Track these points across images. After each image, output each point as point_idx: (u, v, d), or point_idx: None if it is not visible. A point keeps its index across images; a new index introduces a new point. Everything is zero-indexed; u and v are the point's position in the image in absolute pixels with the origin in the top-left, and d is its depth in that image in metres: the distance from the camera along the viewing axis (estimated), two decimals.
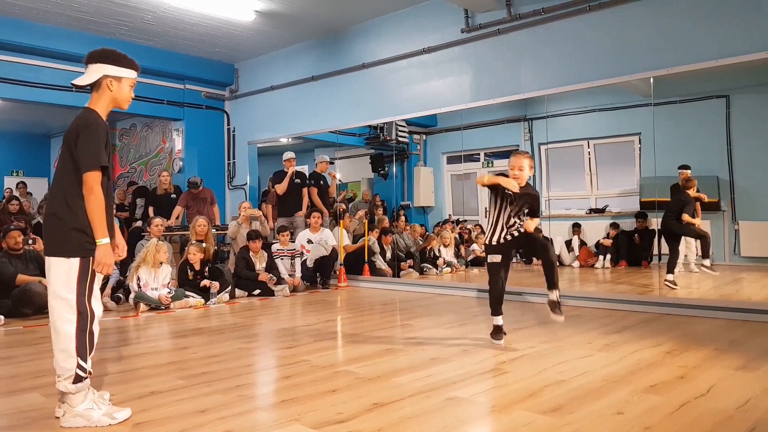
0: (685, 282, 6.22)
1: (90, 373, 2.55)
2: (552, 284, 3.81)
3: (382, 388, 3.00)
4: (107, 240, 2.53)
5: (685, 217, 5.75)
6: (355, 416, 2.56)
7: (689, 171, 6.17)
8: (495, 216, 4.01)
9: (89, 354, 2.54)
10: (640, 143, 6.99)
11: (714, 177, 6.31)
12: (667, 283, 5.76)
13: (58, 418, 2.53)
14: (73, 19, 7.63)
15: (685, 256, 6.32)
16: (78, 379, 2.49)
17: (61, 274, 2.52)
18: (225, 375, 3.31)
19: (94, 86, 2.66)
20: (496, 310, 4.01)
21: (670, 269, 5.79)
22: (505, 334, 4.03)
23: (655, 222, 6.44)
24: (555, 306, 3.82)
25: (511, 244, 4.00)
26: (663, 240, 6.42)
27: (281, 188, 8.23)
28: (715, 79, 5.97)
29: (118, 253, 2.73)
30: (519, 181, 3.86)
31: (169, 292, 5.98)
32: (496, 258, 4.00)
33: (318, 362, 3.58)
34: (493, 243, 4.02)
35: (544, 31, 6.22)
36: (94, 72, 2.65)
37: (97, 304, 2.61)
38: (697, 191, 6.01)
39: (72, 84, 2.72)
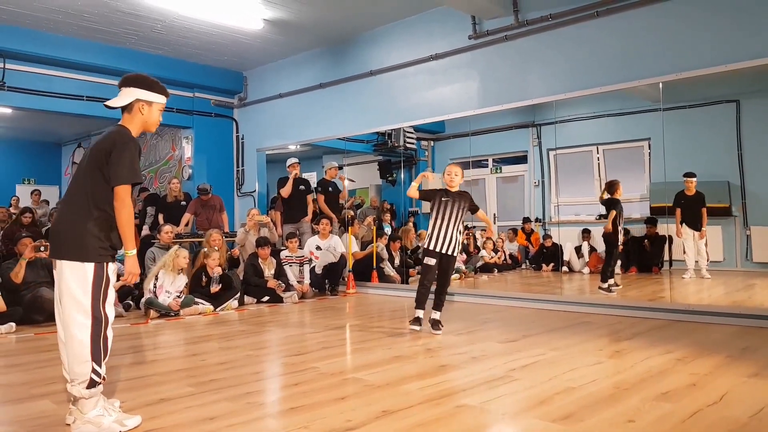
0: (697, 288, 6.17)
1: (104, 378, 2.56)
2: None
3: (391, 395, 2.99)
4: (135, 251, 2.69)
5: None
6: (363, 424, 2.55)
7: (695, 179, 6.13)
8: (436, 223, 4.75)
9: (104, 359, 2.56)
10: (649, 149, 6.95)
11: (725, 182, 6.27)
12: (602, 290, 6.03)
13: (69, 425, 2.54)
14: (83, 28, 7.72)
15: (696, 261, 6.28)
16: (92, 384, 2.51)
17: (76, 279, 2.54)
18: (234, 382, 3.32)
19: (125, 108, 2.75)
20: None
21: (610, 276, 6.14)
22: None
23: (665, 228, 6.40)
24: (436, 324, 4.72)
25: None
26: (673, 246, 6.40)
27: (286, 191, 8.17)
28: (724, 83, 5.93)
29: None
30: (452, 186, 4.73)
31: (178, 296, 5.99)
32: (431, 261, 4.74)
33: (326, 369, 3.57)
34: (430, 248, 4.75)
35: (551, 37, 6.22)
36: (127, 95, 2.74)
37: (110, 309, 2.62)
38: (701, 195, 6.15)
39: (105, 105, 2.82)
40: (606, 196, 6.30)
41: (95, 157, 2.61)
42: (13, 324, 5.19)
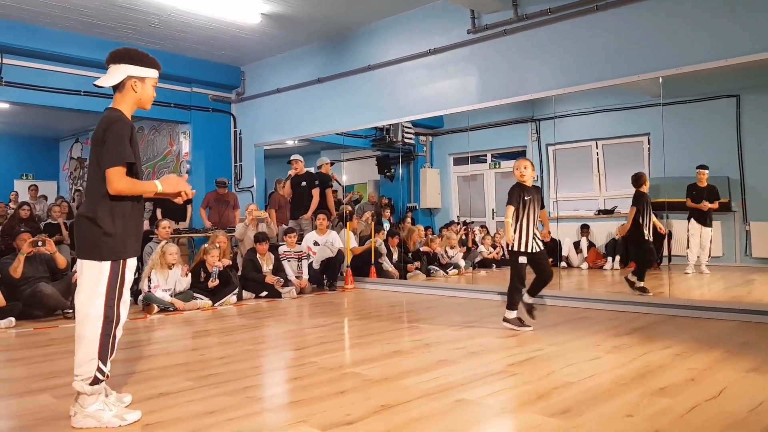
0: (696, 283, 6.18)
1: (107, 376, 2.56)
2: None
3: (390, 389, 2.99)
4: (160, 185, 2.61)
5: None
6: (362, 418, 2.55)
7: (707, 171, 6.12)
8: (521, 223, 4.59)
9: (110, 357, 2.55)
10: (649, 144, 6.94)
11: (724, 177, 6.26)
12: (636, 288, 5.84)
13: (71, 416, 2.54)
14: (80, 23, 7.69)
15: (698, 257, 6.28)
16: (95, 382, 2.51)
17: (91, 278, 2.52)
18: (233, 376, 3.32)
19: (117, 87, 2.60)
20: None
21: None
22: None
23: (665, 223, 6.40)
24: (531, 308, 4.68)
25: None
26: (672, 241, 6.39)
27: (286, 192, 8.27)
28: (724, 78, 5.92)
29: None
30: (525, 181, 4.59)
31: (180, 293, 6.00)
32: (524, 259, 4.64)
33: (325, 364, 3.58)
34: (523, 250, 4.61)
35: (551, 32, 6.20)
36: (118, 72, 2.58)
37: (124, 308, 2.61)
38: (714, 188, 6.04)
39: (94, 85, 2.66)
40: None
41: (94, 150, 2.57)
42: (13, 319, 5.18)
